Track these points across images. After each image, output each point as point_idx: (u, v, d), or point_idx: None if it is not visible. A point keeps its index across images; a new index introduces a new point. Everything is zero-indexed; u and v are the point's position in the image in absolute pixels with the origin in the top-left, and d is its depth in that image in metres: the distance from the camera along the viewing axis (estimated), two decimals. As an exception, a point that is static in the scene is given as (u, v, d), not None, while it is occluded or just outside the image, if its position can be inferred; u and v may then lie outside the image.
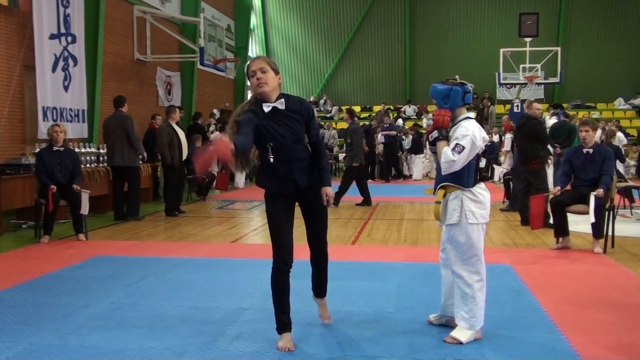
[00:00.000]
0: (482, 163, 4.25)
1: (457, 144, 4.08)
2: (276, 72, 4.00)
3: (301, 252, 4.52)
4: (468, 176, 4.19)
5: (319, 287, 4.60)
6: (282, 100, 3.95)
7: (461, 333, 4.19)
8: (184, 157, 10.98)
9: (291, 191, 4.08)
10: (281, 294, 4.10)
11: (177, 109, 11.26)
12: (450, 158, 4.07)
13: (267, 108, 3.92)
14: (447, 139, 4.19)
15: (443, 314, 4.50)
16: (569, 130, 11.67)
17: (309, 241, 4.34)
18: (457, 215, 4.18)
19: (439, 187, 4.29)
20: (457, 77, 4.44)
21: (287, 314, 4.13)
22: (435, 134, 4.23)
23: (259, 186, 4.19)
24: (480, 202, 4.20)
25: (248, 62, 4.09)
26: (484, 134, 4.24)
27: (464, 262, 4.21)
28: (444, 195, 4.27)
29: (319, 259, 4.43)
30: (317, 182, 4.17)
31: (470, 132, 4.11)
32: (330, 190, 4.18)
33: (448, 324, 4.42)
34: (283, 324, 4.12)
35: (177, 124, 11.14)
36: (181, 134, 11.00)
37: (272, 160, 4.01)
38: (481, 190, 4.23)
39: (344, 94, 28.49)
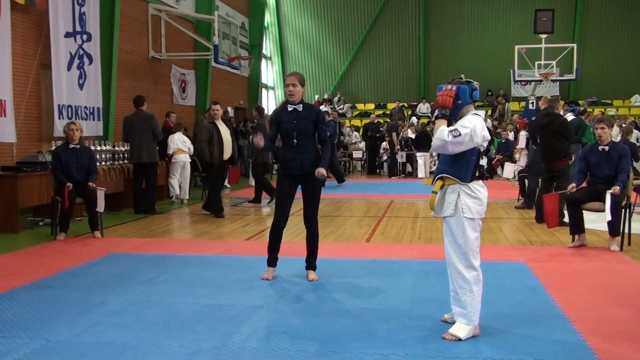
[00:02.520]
0: (484, 161, 4.25)
1: (455, 129, 4.11)
2: (302, 85, 5.69)
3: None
4: (467, 171, 4.22)
5: (310, 258, 5.92)
6: (301, 105, 5.70)
7: (460, 329, 4.20)
8: (227, 155, 10.43)
9: (297, 172, 5.66)
10: (274, 241, 5.87)
11: (213, 105, 10.75)
12: (444, 137, 4.09)
13: (290, 108, 5.71)
14: (446, 118, 4.22)
15: None
16: (576, 127, 11.58)
17: (304, 213, 5.83)
18: (452, 208, 4.22)
19: (437, 177, 4.33)
20: (462, 76, 4.42)
21: (274, 255, 5.89)
22: (437, 112, 4.25)
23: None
24: (477, 197, 4.23)
25: (286, 75, 5.95)
26: (485, 132, 4.24)
27: (461, 256, 4.23)
28: (442, 187, 4.31)
29: (309, 228, 5.86)
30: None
31: (471, 126, 4.13)
32: (322, 170, 5.60)
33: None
34: (270, 260, 5.91)
35: (224, 121, 10.75)
36: (224, 131, 10.41)
37: (285, 146, 5.70)
38: (478, 187, 4.26)
39: (357, 92, 28.46)
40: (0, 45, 9.97)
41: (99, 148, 10.94)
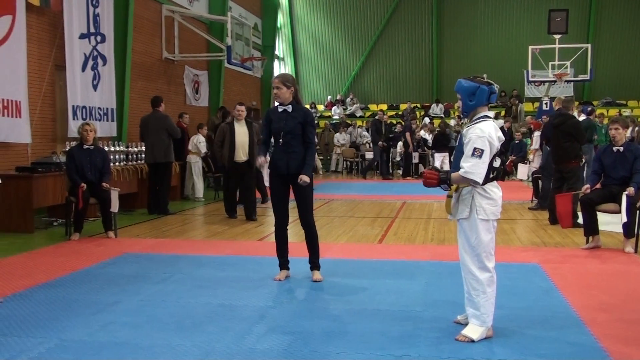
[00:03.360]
0: (497, 163, 4.25)
1: (475, 149, 4.07)
2: (288, 87, 5.75)
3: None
4: None
5: (313, 258, 5.96)
6: (290, 106, 5.78)
7: (472, 330, 4.18)
8: (240, 157, 9.96)
9: (284, 172, 5.76)
10: (280, 243, 6.00)
11: (237, 105, 10.29)
12: (475, 163, 4.06)
13: (280, 109, 5.83)
14: (447, 182, 4.26)
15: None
16: (585, 127, 11.53)
17: (299, 214, 5.93)
18: (468, 210, 4.21)
19: None
20: (484, 75, 4.39)
21: (284, 257, 6.01)
22: (443, 188, 4.32)
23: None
24: (492, 198, 4.21)
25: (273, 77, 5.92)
26: (499, 133, 4.25)
27: (474, 257, 4.21)
28: (456, 190, 4.29)
29: (306, 228, 5.94)
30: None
31: (485, 134, 4.11)
32: (305, 177, 5.66)
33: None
34: (281, 263, 6.02)
35: (248, 122, 10.22)
36: (240, 133, 9.99)
37: (274, 146, 5.86)
38: (493, 188, 4.24)
39: (370, 92, 28.41)
40: (15, 47, 10.05)
41: (112, 149, 11.00)
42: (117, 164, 10.93)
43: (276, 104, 5.94)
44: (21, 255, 7.27)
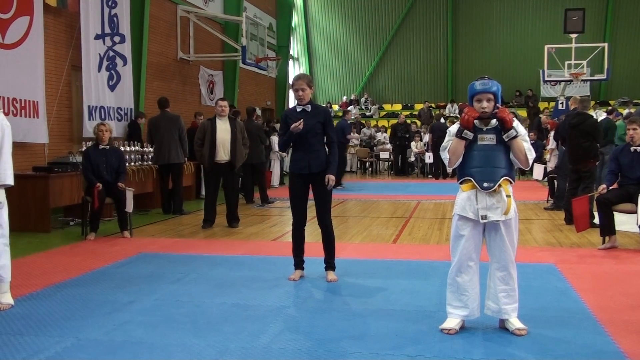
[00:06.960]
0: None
1: (527, 140, 4.26)
2: (310, 87, 5.84)
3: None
4: (514, 171, 4.34)
5: (328, 259, 5.96)
6: (309, 105, 5.83)
7: (519, 322, 4.30)
8: (221, 157, 9.22)
9: (306, 172, 5.75)
10: (296, 242, 5.98)
11: (219, 101, 9.48)
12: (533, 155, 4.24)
13: (299, 109, 5.85)
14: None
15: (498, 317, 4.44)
16: (605, 128, 11.44)
17: (317, 214, 5.93)
18: (514, 209, 4.27)
19: (502, 180, 4.21)
20: (486, 76, 4.40)
21: (300, 257, 5.98)
22: (513, 132, 4.18)
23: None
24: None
25: (294, 77, 5.90)
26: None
27: (514, 254, 4.30)
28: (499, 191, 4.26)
29: (323, 228, 5.92)
30: (324, 171, 5.74)
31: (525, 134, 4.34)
32: (332, 177, 5.72)
33: (500, 325, 4.40)
34: (296, 262, 6.00)
35: (232, 120, 9.42)
36: (222, 130, 9.22)
37: (294, 146, 5.86)
38: None
39: (384, 92, 28.37)
40: (33, 48, 10.14)
41: (128, 149, 11.06)
42: (132, 164, 10.99)
43: (292, 104, 5.95)
44: (38, 254, 7.33)
